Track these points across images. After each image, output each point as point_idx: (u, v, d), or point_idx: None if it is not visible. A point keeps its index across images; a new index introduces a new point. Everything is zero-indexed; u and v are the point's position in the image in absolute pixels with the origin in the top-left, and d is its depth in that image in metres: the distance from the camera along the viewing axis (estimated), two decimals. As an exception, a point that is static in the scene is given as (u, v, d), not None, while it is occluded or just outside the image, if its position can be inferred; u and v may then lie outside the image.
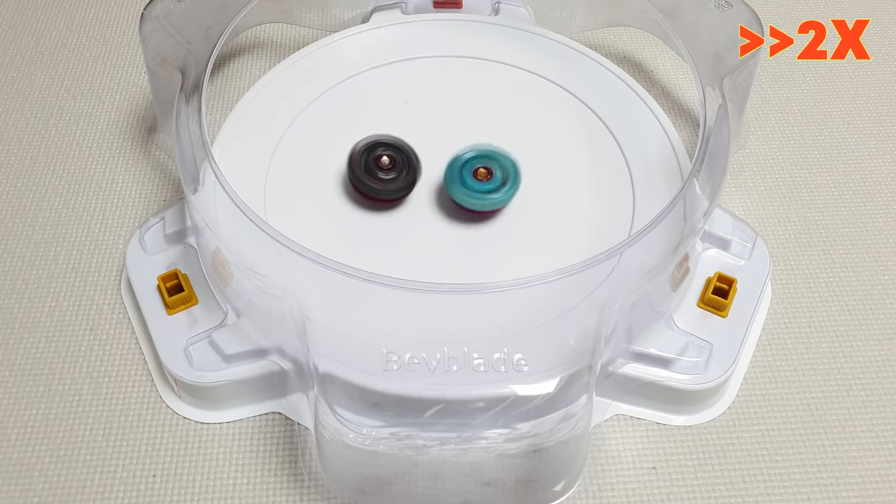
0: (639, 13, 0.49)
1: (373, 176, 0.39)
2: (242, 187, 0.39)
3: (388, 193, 0.39)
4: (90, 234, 0.43)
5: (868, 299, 0.41)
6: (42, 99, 0.49)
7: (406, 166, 0.39)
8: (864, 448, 0.36)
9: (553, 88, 0.46)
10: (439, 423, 0.33)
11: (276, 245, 0.35)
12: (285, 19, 0.52)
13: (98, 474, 0.35)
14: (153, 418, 0.37)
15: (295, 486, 0.35)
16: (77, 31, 0.53)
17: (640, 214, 0.40)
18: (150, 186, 0.45)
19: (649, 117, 0.44)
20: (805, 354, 0.39)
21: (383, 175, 0.39)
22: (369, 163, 0.39)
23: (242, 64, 0.51)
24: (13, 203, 0.44)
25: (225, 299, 0.38)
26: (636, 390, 0.36)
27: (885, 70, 0.51)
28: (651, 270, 0.35)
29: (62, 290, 0.41)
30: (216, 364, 0.36)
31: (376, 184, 0.39)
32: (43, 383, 0.38)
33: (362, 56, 0.47)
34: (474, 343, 0.34)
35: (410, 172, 0.39)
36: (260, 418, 0.37)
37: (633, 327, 0.36)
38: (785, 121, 0.49)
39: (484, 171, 0.39)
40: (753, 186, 0.45)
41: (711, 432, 0.37)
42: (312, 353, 0.33)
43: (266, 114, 0.44)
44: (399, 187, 0.39)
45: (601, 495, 0.35)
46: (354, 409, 0.33)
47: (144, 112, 0.48)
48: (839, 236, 0.43)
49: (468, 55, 0.47)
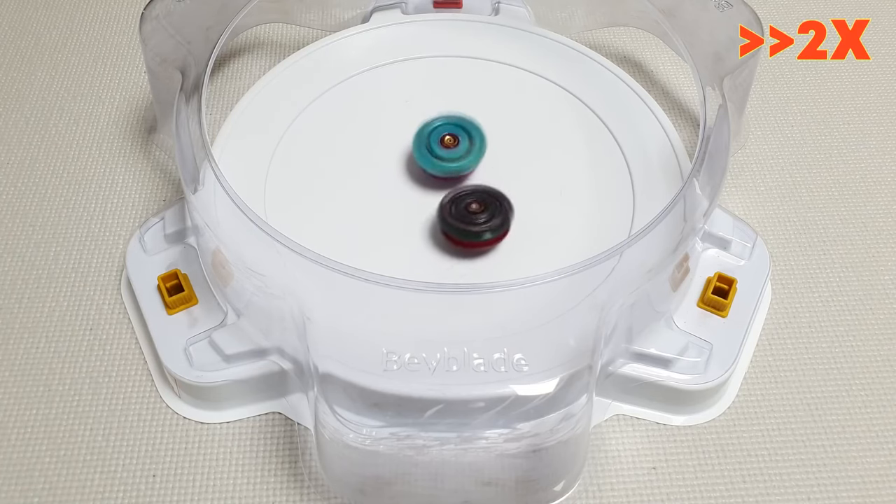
0: (639, 13, 0.49)
1: (466, 222, 0.38)
2: (242, 187, 0.39)
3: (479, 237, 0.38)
4: (90, 234, 0.43)
5: (868, 299, 0.41)
6: (42, 99, 0.49)
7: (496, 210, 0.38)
8: (864, 448, 0.36)
9: (553, 88, 0.46)
10: (439, 423, 0.33)
11: (276, 245, 0.35)
12: (285, 19, 0.52)
13: (98, 474, 0.35)
14: (153, 418, 0.37)
15: (295, 486, 0.35)
16: (77, 31, 0.53)
17: (640, 214, 0.40)
18: (150, 186, 0.45)
19: (649, 117, 0.44)
20: (805, 354, 0.39)
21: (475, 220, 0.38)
22: (460, 210, 0.38)
23: (242, 64, 0.51)
24: (13, 203, 0.44)
25: (225, 299, 0.38)
26: (636, 390, 0.36)
27: (885, 70, 0.51)
28: (651, 270, 0.35)
29: (62, 290, 0.41)
30: (216, 364, 0.36)
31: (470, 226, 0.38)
32: (43, 383, 0.38)
33: (362, 56, 0.47)
34: (474, 343, 0.34)
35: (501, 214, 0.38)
36: (260, 418, 0.37)
37: (633, 327, 0.36)
38: (785, 121, 0.49)
39: (450, 139, 0.40)
40: (753, 186, 0.45)
41: (711, 432, 0.37)
42: (312, 353, 0.33)
43: (266, 114, 0.44)
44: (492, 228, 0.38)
45: (601, 495, 0.35)
46: (354, 409, 0.33)
47: (144, 112, 0.48)
48: (839, 236, 0.43)
49: (468, 55, 0.47)
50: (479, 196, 0.39)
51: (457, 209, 0.38)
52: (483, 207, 0.38)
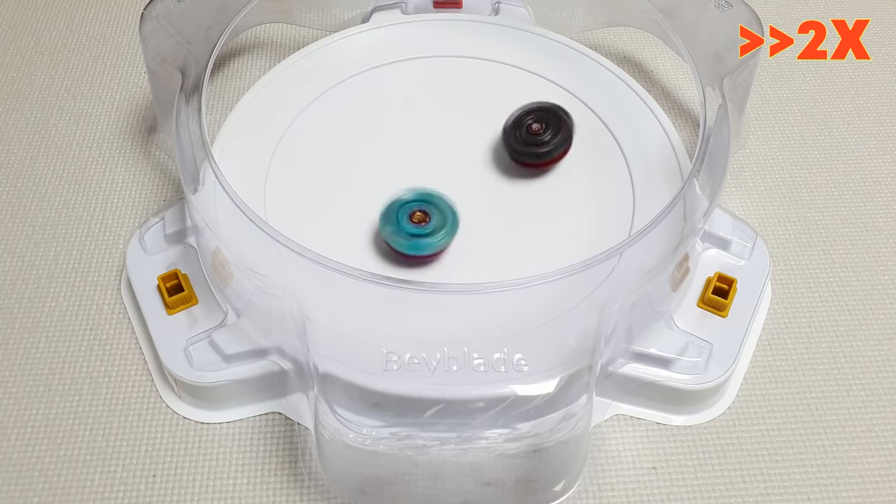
0: (639, 13, 0.49)
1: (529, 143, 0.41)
2: (242, 187, 0.39)
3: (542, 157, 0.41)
4: (90, 234, 0.43)
5: (868, 299, 0.41)
6: (42, 99, 0.49)
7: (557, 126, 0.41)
8: (864, 448, 0.36)
9: (553, 88, 0.46)
10: (439, 423, 0.33)
11: (276, 245, 0.35)
12: (285, 19, 0.52)
13: (98, 474, 0.35)
14: (153, 418, 0.37)
15: (295, 486, 0.35)
16: (77, 31, 0.53)
17: (640, 214, 0.40)
18: (150, 186, 0.45)
19: (649, 117, 0.44)
20: (805, 354, 0.39)
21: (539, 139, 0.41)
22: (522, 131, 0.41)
23: (242, 64, 0.51)
24: (13, 203, 0.44)
25: (225, 299, 0.38)
26: (636, 390, 0.36)
27: (885, 70, 0.51)
28: (651, 270, 0.35)
29: (62, 290, 0.41)
30: (216, 364, 0.36)
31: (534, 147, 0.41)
32: (43, 383, 0.38)
33: (362, 56, 0.47)
34: (474, 343, 0.34)
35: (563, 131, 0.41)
36: (260, 418, 0.37)
37: (633, 327, 0.36)
38: (785, 121, 0.49)
39: (420, 215, 0.38)
40: (753, 186, 0.45)
41: (711, 432, 0.37)
42: (312, 353, 0.33)
43: (266, 114, 0.44)
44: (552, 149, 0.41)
45: (601, 495, 0.35)
46: (354, 409, 0.33)
47: (144, 112, 0.48)
48: (839, 236, 0.43)
49: (468, 55, 0.47)
50: (538, 115, 0.41)
51: (521, 133, 0.41)
52: (544, 126, 0.41)
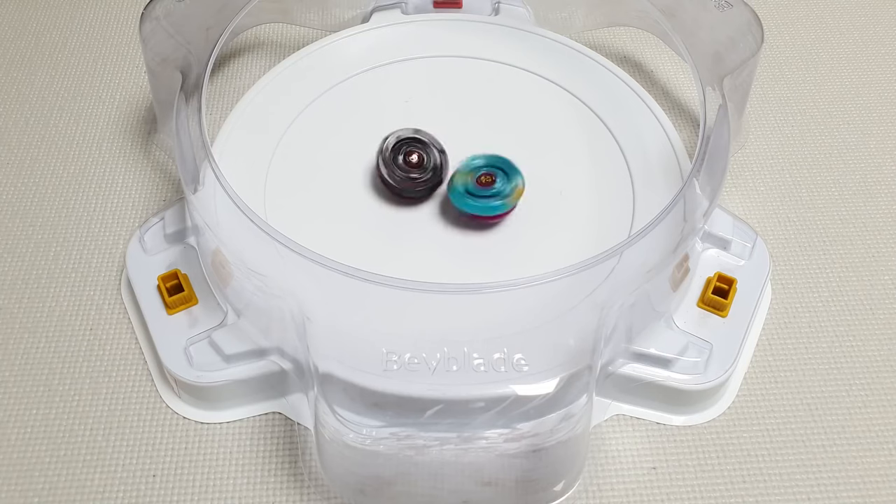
0: (639, 13, 0.49)
1: (402, 172, 0.40)
2: (242, 187, 0.39)
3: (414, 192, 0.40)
4: (90, 234, 0.43)
5: (868, 299, 0.41)
6: (42, 99, 0.49)
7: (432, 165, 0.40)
8: (864, 448, 0.36)
9: (553, 88, 0.46)
10: (439, 423, 0.33)
11: (276, 245, 0.35)
12: (285, 19, 0.52)
13: (98, 474, 0.35)
14: (153, 418, 0.37)
15: (295, 486, 0.35)
16: (77, 31, 0.53)
17: (640, 214, 0.40)
18: (150, 186, 0.45)
19: (649, 117, 0.44)
20: (805, 354, 0.39)
21: (413, 173, 0.40)
22: (397, 160, 0.40)
23: (242, 64, 0.51)
24: (13, 203, 0.44)
25: (225, 299, 0.38)
26: (636, 390, 0.36)
27: (885, 70, 0.51)
28: (651, 270, 0.35)
29: (62, 290, 0.41)
30: (216, 364, 0.36)
31: (405, 182, 0.40)
32: (43, 383, 0.38)
33: (362, 56, 0.47)
34: (474, 343, 0.34)
35: (436, 172, 0.40)
36: (260, 418, 0.37)
37: (633, 327, 0.36)
38: (785, 121, 0.49)
39: (487, 178, 0.39)
40: (753, 186, 0.45)
41: (711, 432, 0.37)
42: (312, 353, 0.33)
43: (266, 114, 0.44)
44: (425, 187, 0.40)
45: (601, 495, 0.35)
46: (354, 409, 0.33)
47: (144, 112, 0.48)
48: (839, 236, 0.43)
49: (468, 55, 0.47)
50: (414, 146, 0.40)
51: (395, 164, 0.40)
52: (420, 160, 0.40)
